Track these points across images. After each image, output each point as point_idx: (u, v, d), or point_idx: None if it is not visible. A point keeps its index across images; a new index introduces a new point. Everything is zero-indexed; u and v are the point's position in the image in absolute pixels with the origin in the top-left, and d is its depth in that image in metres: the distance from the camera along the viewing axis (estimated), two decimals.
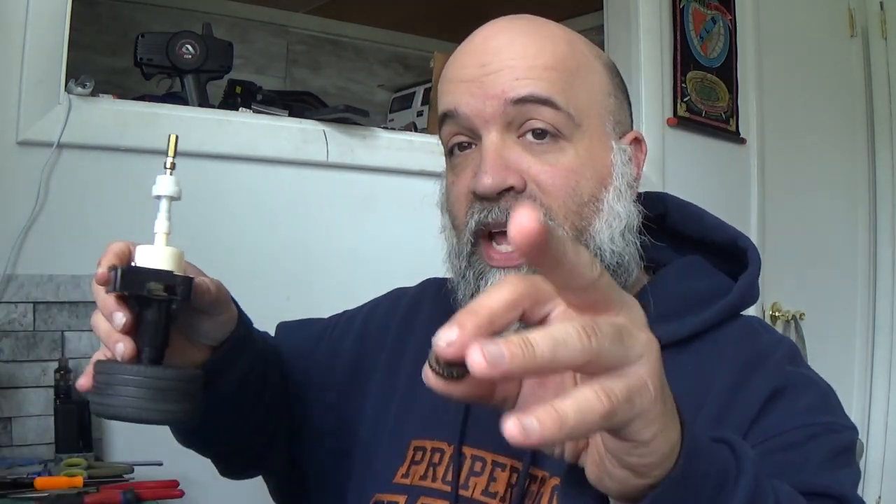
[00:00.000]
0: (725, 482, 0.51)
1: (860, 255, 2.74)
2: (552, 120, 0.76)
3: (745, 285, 0.83)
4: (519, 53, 0.77)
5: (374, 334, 0.96)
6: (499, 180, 0.75)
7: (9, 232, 1.48)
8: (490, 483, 0.79)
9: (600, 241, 0.78)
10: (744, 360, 0.77)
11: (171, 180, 0.77)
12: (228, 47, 1.87)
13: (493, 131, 0.76)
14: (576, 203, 0.77)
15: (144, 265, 0.67)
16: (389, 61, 3.14)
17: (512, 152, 0.76)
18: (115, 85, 2.04)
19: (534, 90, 0.75)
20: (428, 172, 1.93)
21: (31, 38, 1.49)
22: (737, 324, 0.82)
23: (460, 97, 0.78)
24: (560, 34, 0.81)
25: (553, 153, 0.77)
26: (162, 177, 0.77)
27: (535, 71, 0.76)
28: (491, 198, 0.75)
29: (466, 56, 0.80)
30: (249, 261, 1.72)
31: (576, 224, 0.77)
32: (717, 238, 0.88)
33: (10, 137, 1.48)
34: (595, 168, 0.78)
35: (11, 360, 1.47)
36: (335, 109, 1.86)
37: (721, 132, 2.36)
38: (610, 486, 0.50)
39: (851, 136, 2.74)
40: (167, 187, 0.77)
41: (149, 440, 1.52)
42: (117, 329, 0.65)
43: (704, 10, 2.34)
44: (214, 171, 1.69)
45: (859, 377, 2.67)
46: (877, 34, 2.73)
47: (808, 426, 0.72)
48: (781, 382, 0.75)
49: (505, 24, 0.81)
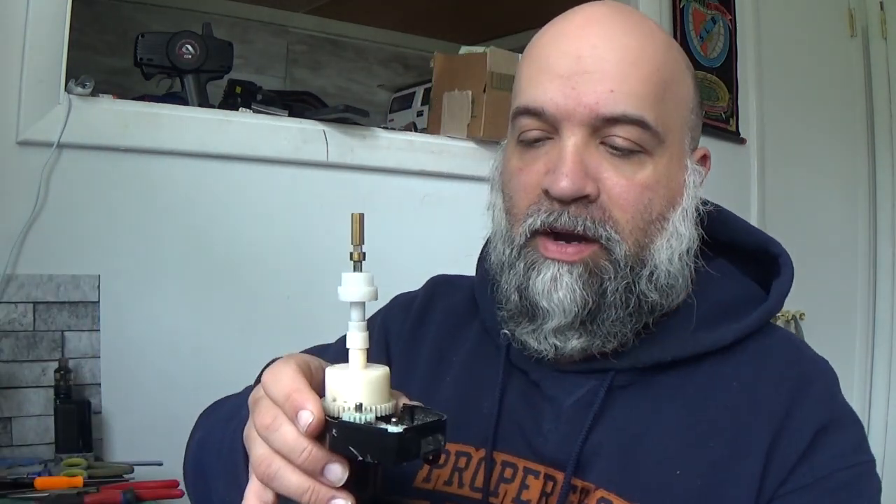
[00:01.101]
0: None
1: (860, 255, 2.73)
2: (638, 138, 0.74)
3: (782, 292, 0.81)
4: (618, 56, 0.74)
5: (394, 339, 0.92)
6: (578, 187, 0.73)
7: (9, 232, 1.48)
8: (522, 490, 0.75)
9: (659, 260, 0.76)
10: (793, 380, 0.76)
11: (361, 279, 0.56)
12: (228, 47, 1.86)
13: (578, 135, 0.74)
14: (644, 220, 0.75)
15: (345, 397, 0.54)
16: (389, 61, 3.13)
17: (592, 159, 0.74)
18: (115, 85, 2.04)
19: (626, 110, 0.73)
20: (428, 172, 1.93)
21: (31, 38, 1.49)
22: (775, 335, 0.81)
23: (550, 94, 0.74)
24: (659, 37, 0.78)
25: (632, 166, 0.74)
26: (349, 276, 0.56)
27: (631, 83, 0.74)
28: (563, 201, 0.74)
29: (561, 41, 0.76)
30: (249, 261, 1.72)
31: (639, 241, 0.75)
32: (747, 242, 0.86)
33: (10, 137, 1.48)
34: (669, 187, 0.77)
35: (11, 360, 1.47)
36: (335, 109, 1.86)
37: (721, 132, 2.36)
38: None
39: (851, 136, 2.74)
40: (357, 290, 0.56)
41: (149, 440, 1.53)
42: (335, 484, 0.57)
43: (704, 10, 2.34)
44: (214, 171, 1.69)
45: (859, 377, 2.67)
46: (877, 34, 2.73)
47: (855, 466, 0.73)
48: (829, 416, 0.74)
49: (604, 12, 0.77)
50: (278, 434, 0.58)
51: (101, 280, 1.55)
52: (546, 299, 0.74)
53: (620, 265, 0.74)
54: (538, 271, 0.75)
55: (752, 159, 2.44)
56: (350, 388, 0.56)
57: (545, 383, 0.80)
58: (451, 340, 0.88)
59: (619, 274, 0.74)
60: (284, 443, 0.58)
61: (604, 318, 0.75)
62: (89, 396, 1.52)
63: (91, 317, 1.54)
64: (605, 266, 0.74)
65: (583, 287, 0.74)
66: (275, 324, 1.71)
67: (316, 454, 0.57)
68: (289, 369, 0.60)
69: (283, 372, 0.60)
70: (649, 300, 0.76)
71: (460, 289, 0.93)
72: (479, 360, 0.85)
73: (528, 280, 0.75)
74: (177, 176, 1.65)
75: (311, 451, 0.57)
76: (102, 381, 1.55)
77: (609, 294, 0.74)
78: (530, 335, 0.77)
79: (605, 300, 0.74)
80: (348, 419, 0.55)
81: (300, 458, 0.57)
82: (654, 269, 0.76)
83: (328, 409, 0.57)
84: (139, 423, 1.57)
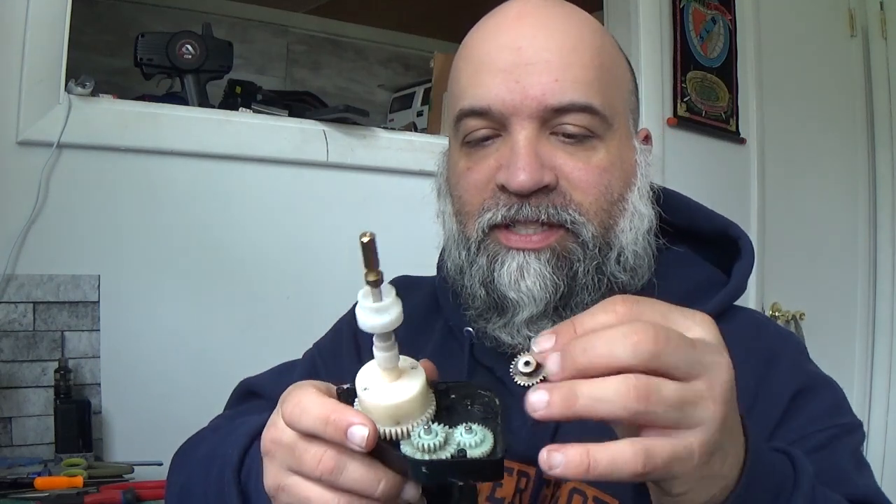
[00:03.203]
0: (781, 493, 0.53)
1: (860, 254, 2.73)
2: (588, 124, 0.74)
3: (743, 275, 0.81)
4: (558, 44, 0.74)
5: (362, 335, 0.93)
6: (536, 179, 0.72)
7: (9, 232, 1.48)
8: (496, 488, 0.75)
9: (625, 241, 0.76)
10: (760, 353, 0.77)
11: (376, 308, 0.51)
12: (228, 47, 1.87)
13: (528, 128, 0.73)
14: (607, 202, 0.75)
15: (408, 419, 0.51)
16: (389, 61, 3.13)
17: (545, 149, 0.74)
18: (115, 85, 2.04)
19: (574, 98, 0.73)
20: (428, 172, 1.91)
21: (31, 38, 1.49)
22: (739, 315, 0.81)
23: (495, 91, 0.74)
24: (593, 23, 0.78)
25: (586, 151, 0.75)
26: (363, 306, 0.51)
27: (575, 71, 0.73)
28: (522, 194, 0.73)
29: (497, 35, 0.76)
30: (249, 261, 1.72)
31: (604, 222, 0.75)
32: (706, 227, 0.86)
33: (10, 137, 1.48)
34: (623, 168, 0.77)
35: (11, 360, 1.47)
36: (335, 109, 1.86)
37: (721, 132, 2.36)
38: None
39: (851, 136, 2.74)
40: (374, 321, 0.51)
41: (149, 440, 1.53)
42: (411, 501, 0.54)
43: (704, 10, 2.34)
44: (214, 171, 1.69)
45: (859, 377, 2.67)
46: (877, 34, 2.73)
47: (832, 428, 0.73)
48: (805, 382, 0.75)
49: (537, 3, 0.77)
50: (347, 473, 0.52)
51: (101, 280, 1.56)
52: (514, 290, 0.73)
53: (589, 246, 0.74)
54: (502, 262, 0.74)
55: (752, 159, 2.44)
56: (401, 408, 0.52)
57: (511, 379, 0.79)
58: (415, 339, 0.86)
59: (588, 255, 0.74)
60: (358, 481, 0.52)
61: (577, 301, 0.74)
62: (89, 396, 1.52)
63: (91, 317, 1.54)
64: (573, 248, 0.74)
65: (552, 272, 0.73)
66: (275, 324, 1.71)
67: (393, 482, 0.52)
68: (307, 392, 0.54)
69: (304, 399, 0.53)
70: (619, 281, 0.76)
71: (422, 287, 0.92)
72: (443, 358, 0.83)
73: (492, 273, 0.75)
74: (177, 176, 1.65)
75: (389, 481, 0.52)
76: (102, 381, 1.55)
77: (580, 276, 0.74)
78: (502, 329, 0.76)
79: (577, 283, 0.74)
80: (426, 447, 0.50)
81: (378, 491, 0.52)
82: (621, 251, 0.76)
83: (388, 433, 0.51)
84: (139, 423, 1.56)
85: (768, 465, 0.53)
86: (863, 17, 2.74)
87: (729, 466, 0.50)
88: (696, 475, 0.47)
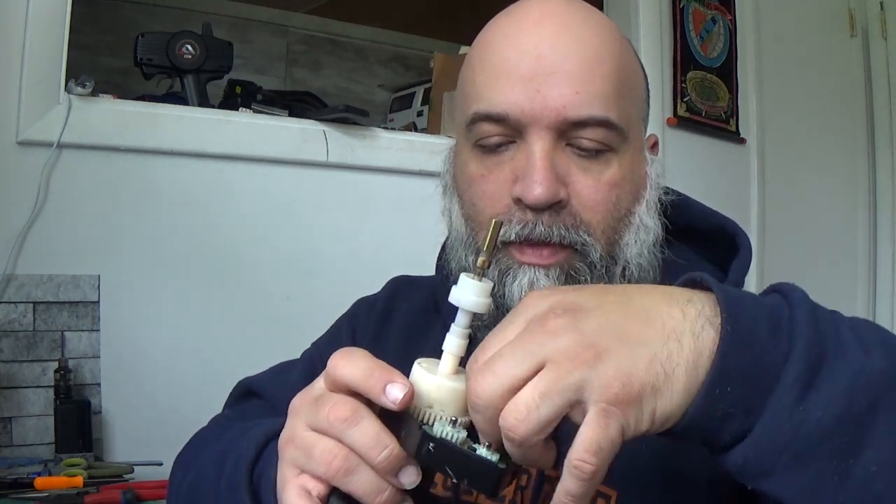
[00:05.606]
0: (780, 321, 0.53)
1: (860, 255, 2.73)
2: (604, 138, 0.73)
3: (741, 271, 0.80)
4: (581, 53, 0.73)
5: (360, 334, 0.91)
6: (552, 193, 0.71)
7: (9, 232, 1.48)
8: None
9: (630, 255, 0.76)
10: None
11: (481, 288, 0.54)
12: (228, 47, 1.87)
13: (545, 139, 0.72)
14: (614, 219, 0.75)
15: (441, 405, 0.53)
16: (389, 61, 3.13)
17: (560, 162, 0.73)
18: (115, 85, 2.04)
19: (593, 112, 0.72)
20: (428, 172, 1.93)
21: (31, 38, 1.49)
22: None
23: (514, 98, 0.72)
24: (613, 28, 0.77)
25: (599, 166, 0.74)
26: (470, 282, 0.54)
27: (596, 83, 0.72)
28: (537, 209, 0.72)
29: (517, 38, 0.74)
30: (249, 261, 1.72)
31: (610, 237, 0.75)
32: (704, 226, 0.85)
33: (10, 137, 1.49)
34: (633, 182, 0.76)
35: (11, 360, 1.47)
36: (335, 109, 1.86)
37: (721, 132, 2.36)
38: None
39: (851, 136, 2.74)
40: (473, 299, 0.54)
41: (149, 440, 1.53)
42: (404, 487, 0.54)
43: (704, 10, 2.34)
44: (214, 171, 1.69)
45: None
46: (877, 34, 2.73)
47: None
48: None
49: (559, 4, 0.75)
50: (358, 428, 0.52)
51: (101, 280, 1.56)
52: None
53: (596, 266, 0.74)
54: (514, 277, 0.74)
55: (752, 159, 2.44)
56: (442, 395, 0.53)
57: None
58: (416, 339, 0.86)
59: (595, 274, 0.74)
60: (364, 438, 0.52)
61: None
62: (89, 396, 1.52)
63: (91, 317, 1.54)
64: (580, 268, 0.74)
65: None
66: (275, 324, 1.71)
67: (397, 454, 0.52)
68: (360, 351, 0.55)
69: (355, 353, 0.55)
70: None
71: (421, 287, 0.92)
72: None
73: (503, 287, 0.74)
74: (177, 176, 1.65)
75: (393, 451, 0.52)
76: (102, 381, 1.55)
77: None
78: None
79: None
80: (445, 435, 0.52)
81: (380, 456, 0.52)
82: (626, 265, 0.76)
83: (416, 411, 0.53)
84: (139, 423, 1.57)
85: (748, 307, 0.52)
86: (863, 17, 2.74)
87: (687, 348, 0.49)
88: (653, 391, 0.48)
